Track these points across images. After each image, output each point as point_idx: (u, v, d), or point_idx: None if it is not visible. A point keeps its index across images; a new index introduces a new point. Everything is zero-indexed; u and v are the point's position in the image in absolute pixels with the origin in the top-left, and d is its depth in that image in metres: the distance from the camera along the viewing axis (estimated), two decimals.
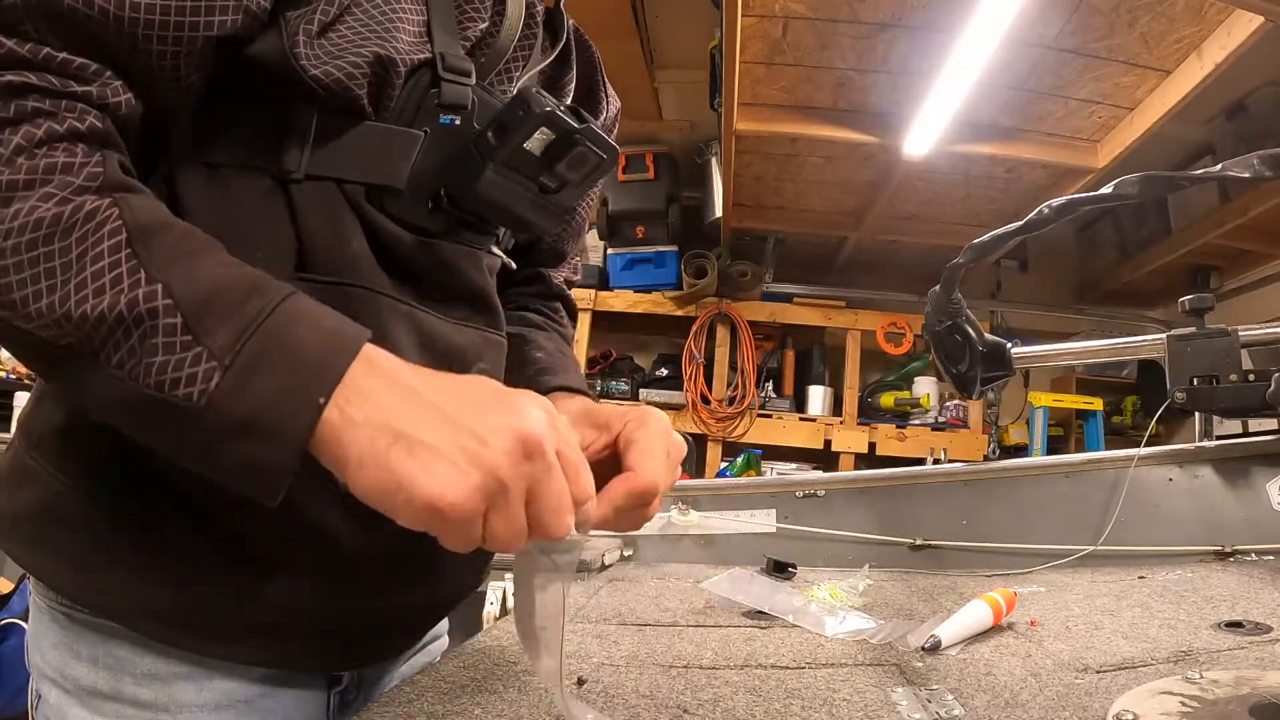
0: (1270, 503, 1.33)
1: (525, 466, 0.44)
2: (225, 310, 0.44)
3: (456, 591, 0.78)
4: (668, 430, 0.61)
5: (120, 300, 0.44)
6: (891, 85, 2.95)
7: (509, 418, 0.45)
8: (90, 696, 0.61)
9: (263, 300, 0.45)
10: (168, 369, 0.43)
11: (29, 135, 0.45)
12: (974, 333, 0.96)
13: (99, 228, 0.45)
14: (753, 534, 1.49)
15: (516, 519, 0.45)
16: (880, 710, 0.64)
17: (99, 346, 0.44)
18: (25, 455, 0.62)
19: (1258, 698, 0.61)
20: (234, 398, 0.43)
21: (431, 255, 0.64)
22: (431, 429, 0.44)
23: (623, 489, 0.56)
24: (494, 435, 0.44)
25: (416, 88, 0.60)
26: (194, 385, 0.43)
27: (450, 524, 0.43)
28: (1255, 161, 0.59)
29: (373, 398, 0.44)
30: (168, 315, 0.44)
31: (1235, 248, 3.94)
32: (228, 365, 0.43)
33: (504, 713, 0.62)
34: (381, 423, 0.44)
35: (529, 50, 0.72)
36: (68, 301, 0.44)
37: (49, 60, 0.46)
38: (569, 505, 0.46)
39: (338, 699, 0.71)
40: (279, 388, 0.43)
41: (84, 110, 0.48)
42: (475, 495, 0.43)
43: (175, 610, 0.59)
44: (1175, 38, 2.49)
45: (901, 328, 4.41)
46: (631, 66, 3.44)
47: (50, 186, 0.45)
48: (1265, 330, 1.02)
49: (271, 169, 0.58)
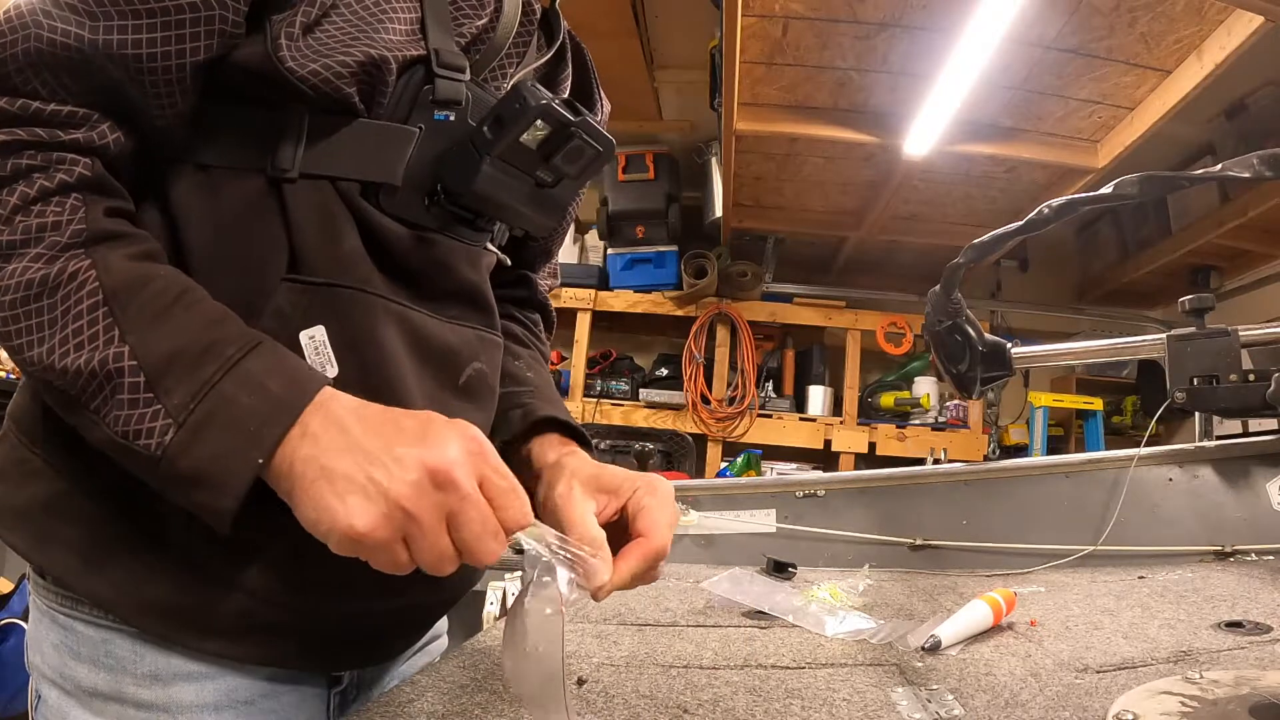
0: (1270, 503, 1.33)
1: (435, 496, 0.47)
2: (182, 371, 0.50)
3: (456, 591, 0.78)
4: (672, 496, 0.64)
5: (94, 358, 0.49)
6: (891, 85, 2.95)
7: (419, 449, 0.48)
8: (90, 698, 0.61)
9: (216, 363, 0.50)
10: (131, 421, 0.49)
11: (24, 195, 0.50)
12: (974, 333, 0.96)
13: (80, 288, 0.50)
14: (753, 534, 1.49)
15: (435, 546, 0.48)
16: (880, 710, 0.64)
17: (79, 393, 0.50)
18: (27, 450, 0.62)
19: (1258, 698, 0.61)
20: (184, 452, 0.48)
21: (426, 251, 0.64)
22: (348, 463, 0.48)
23: (638, 554, 0.59)
24: (400, 467, 0.47)
25: (410, 84, 0.60)
26: (152, 438, 0.49)
27: (369, 550, 0.47)
28: (1255, 161, 0.59)
29: (312, 441, 0.49)
30: (132, 375, 0.49)
31: (1235, 248, 3.93)
32: (181, 423, 0.49)
33: (504, 713, 0.62)
34: (315, 462, 0.48)
35: (524, 48, 0.72)
36: (53, 354, 0.50)
37: (38, 115, 0.51)
38: (492, 530, 0.49)
39: (338, 699, 0.71)
40: (223, 448, 0.49)
41: (73, 161, 0.52)
42: (383, 523, 0.47)
43: (177, 606, 0.59)
44: (1175, 38, 2.49)
45: (901, 328, 4.41)
46: (631, 66, 3.44)
47: (41, 246, 0.50)
48: (1265, 330, 1.02)
49: (264, 169, 0.58)
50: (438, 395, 0.66)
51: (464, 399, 0.68)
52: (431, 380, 0.65)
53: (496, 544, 0.49)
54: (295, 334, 0.58)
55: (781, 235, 4.39)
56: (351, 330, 0.60)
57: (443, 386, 0.66)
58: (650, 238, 4.29)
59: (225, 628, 0.61)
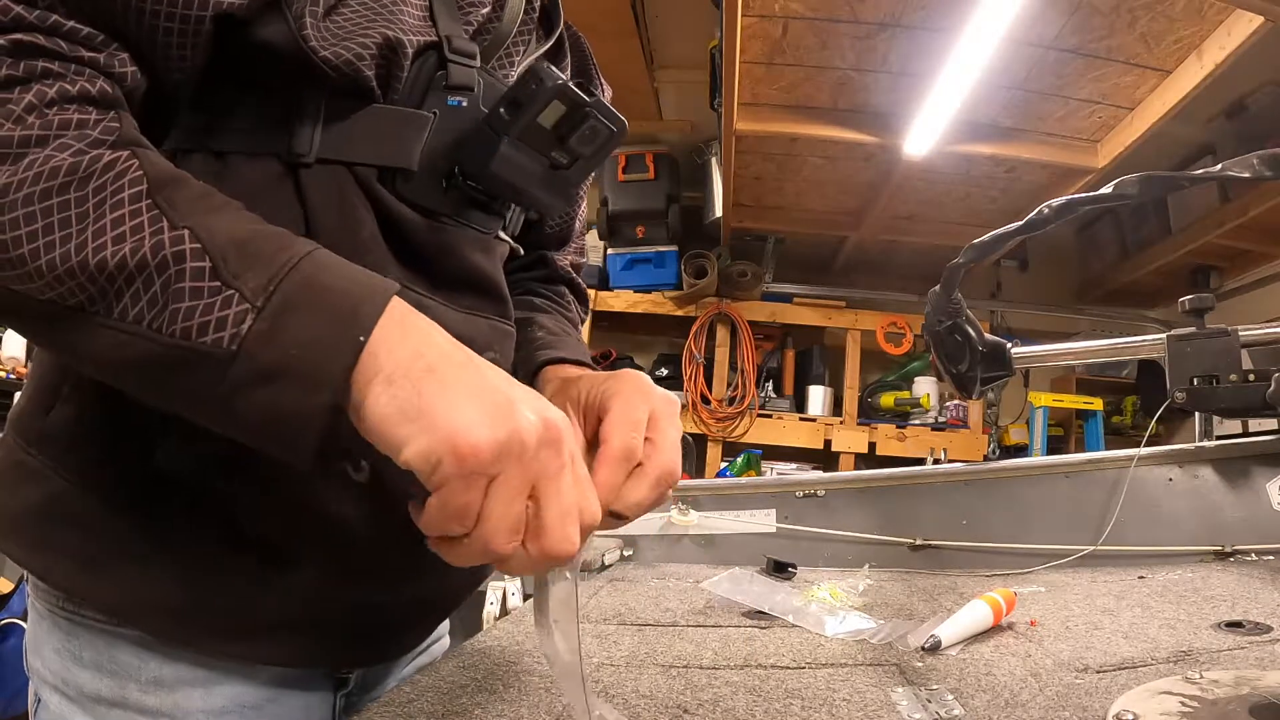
0: (1270, 503, 1.33)
1: (541, 451, 0.42)
2: (254, 257, 0.43)
3: (464, 584, 0.78)
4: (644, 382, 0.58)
5: (144, 246, 0.42)
6: (891, 85, 2.95)
7: (537, 401, 0.44)
8: (94, 703, 0.60)
9: (290, 251, 0.44)
10: (195, 314, 0.42)
11: (40, 94, 0.44)
12: (974, 333, 0.96)
13: (119, 177, 0.44)
14: (753, 534, 1.49)
15: (515, 510, 0.42)
16: (880, 710, 0.64)
17: (115, 299, 0.42)
18: (23, 452, 0.61)
19: (1258, 698, 0.61)
20: (268, 341, 0.41)
21: (441, 239, 0.64)
22: (466, 377, 0.42)
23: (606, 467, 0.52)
24: (525, 405, 0.42)
25: (424, 69, 0.60)
26: (224, 329, 0.41)
27: (458, 473, 0.40)
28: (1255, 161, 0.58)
29: (410, 338, 0.43)
30: (195, 259, 0.42)
31: (1235, 248, 3.94)
32: (260, 308, 0.42)
33: (504, 713, 0.62)
34: (418, 356, 0.42)
35: (527, 37, 0.72)
36: (84, 250, 0.42)
37: (57, 26, 0.45)
38: (574, 515, 0.44)
39: (343, 702, 0.71)
40: (317, 329, 0.42)
41: (93, 74, 0.47)
42: (495, 447, 0.40)
43: (186, 607, 0.59)
44: (1175, 38, 2.49)
45: (901, 328, 4.41)
46: (631, 66, 3.44)
47: (66, 138, 0.44)
48: (1265, 330, 1.02)
49: (281, 154, 0.57)
50: None
51: None
52: None
53: (576, 534, 0.43)
54: None
55: (781, 235, 4.40)
56: None
57: None
58: (650, 238, 4.29)
59: (236, 626, 0.60)
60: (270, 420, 0.42)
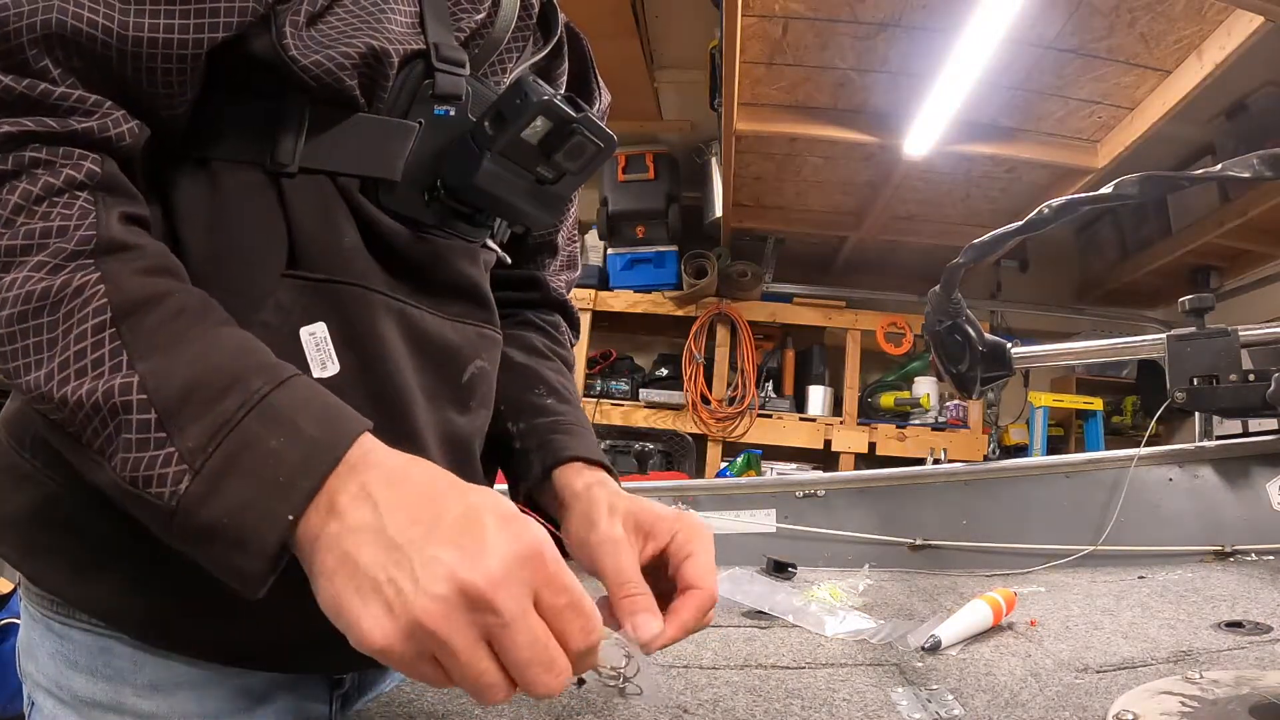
0: (1270, 503, 1.33)
1: (467, 617, 0.40)
2: (201, 407, 0.43)
3: None
4: (712, 539, 0.61)
5: (98, 388, 0.43)
6: (891, 85, 2.95)
7: (454, 555, 0.40)
8: (89, 708, 0.60)
9: (241, 397, 0.44)
10: (140, 466, 0.43)
11: (26, 193, 0.45)
12: (974, 333, 0.96)
13: (84, 305, 0.45)
14: (753, 534, 1.49)
15: (472, 673, 0.40)
16: (880, 710, 0.64)
17: (81, 429, 0.44)
18: (15, 455, 0.60)
19: (1258, 698, 0.61)
20: (202, 503, 0.42)
21: (426, 249, 0.64)
22: (371, 556, 0.41)
23: (693, 606, 0.57)
24: (427, 575, 0.40)
25: (410, 78, 0.60)
26: (165, 486, 0.42)
27: (395, 666, 0.41)
28: (1255, 161, 0.59)
29: (340, 513, 0.43)
30: (141, 411, 0.43)
31: (1235, 248, 3.93)
32: (198, 469, 0.42)
33: (504, 712, 0.62)
34: (338, 546, 0.42)
35: (523, 43, 0.72)
36: (51, 380, 0.44)
37: (48, 96, 0.46)
38: (549, 659, 0.41)
39: (339, 703, 0.71)
40: (247, 499, 0.42)
41: (82, 156, 0.48)
42: (402, 640, 0.40)
43: (178, 611, 0.58)
44: (1175, 38, 2.49)
45: (901, 328, 4.41)
46: (631, 66, 3.44)
47: (44, 254, 0.45)
48: (1265, 330, 1.02)
49: (264, 163, 0.57)
50: (438, 394, 0.65)
51: (466, 398, 0.68)
52: (432, 378, 0.65)
53: (552, 677, 0.41)
54: (296, 329, 0.57)
55: (781, 235, 4.39)
56: (352, 327, 0.59)
57: (444, 385, 0.66)
58: (650, 238, 4.29)
59: (226, 630, 0.60)
60: (218, 568, 0.44)
